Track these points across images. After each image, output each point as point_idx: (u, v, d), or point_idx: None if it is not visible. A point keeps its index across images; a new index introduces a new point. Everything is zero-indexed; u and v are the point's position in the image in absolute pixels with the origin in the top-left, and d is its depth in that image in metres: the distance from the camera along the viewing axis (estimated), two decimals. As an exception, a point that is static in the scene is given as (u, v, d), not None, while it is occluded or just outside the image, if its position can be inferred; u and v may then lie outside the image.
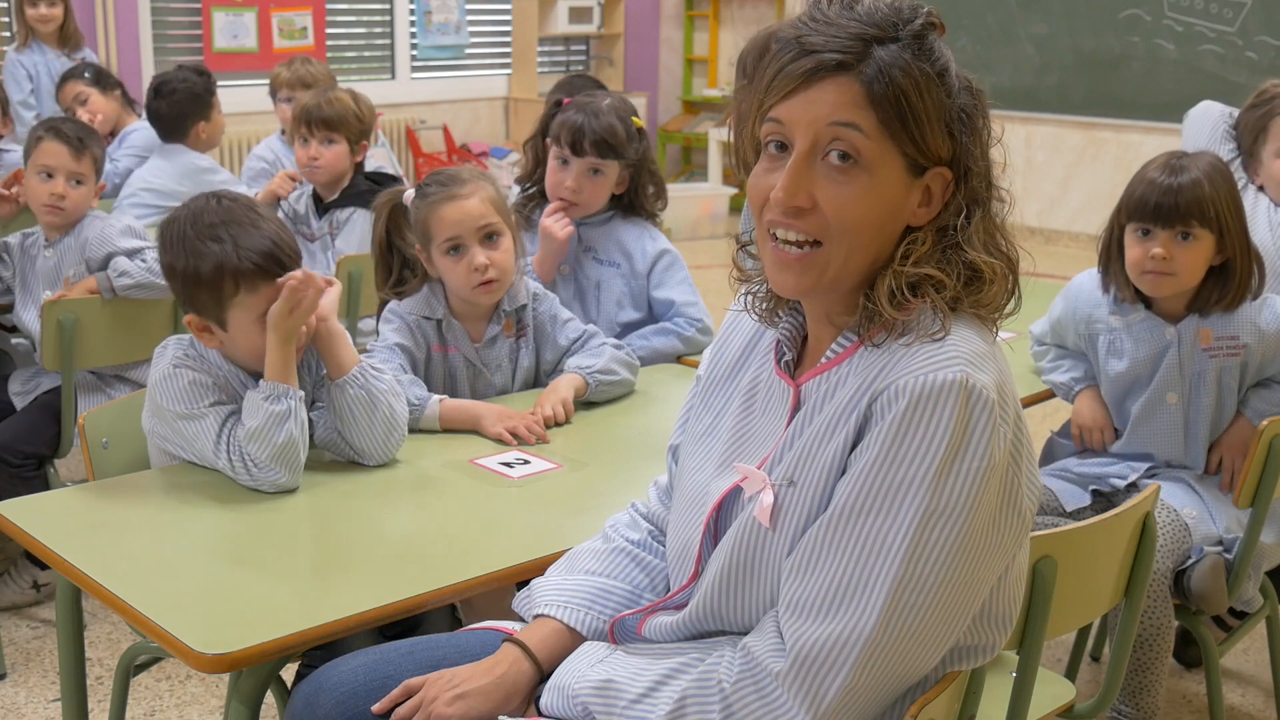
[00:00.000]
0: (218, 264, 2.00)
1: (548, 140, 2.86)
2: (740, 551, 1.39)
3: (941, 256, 1.35)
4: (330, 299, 2.10)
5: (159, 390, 2.04)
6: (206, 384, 2.04)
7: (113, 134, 4.51)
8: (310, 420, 2.13)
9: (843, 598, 1.29)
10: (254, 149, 4.64)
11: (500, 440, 2.23)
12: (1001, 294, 1.38)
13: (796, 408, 1.41)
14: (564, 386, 2.39)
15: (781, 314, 1.48)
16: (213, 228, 2.01)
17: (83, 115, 4.44)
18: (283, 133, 4.52)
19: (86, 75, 4.54)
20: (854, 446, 1.32)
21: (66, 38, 5.25)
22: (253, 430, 1.96)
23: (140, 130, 4.40)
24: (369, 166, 3.89)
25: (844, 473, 1.32)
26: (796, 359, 1.47)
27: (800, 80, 1.32)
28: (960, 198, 1.36)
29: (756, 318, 1.51)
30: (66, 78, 4.60)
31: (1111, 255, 2.52)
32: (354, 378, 2.07)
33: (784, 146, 1.35)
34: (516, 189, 3.00)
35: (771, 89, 1.34)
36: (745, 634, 1.40)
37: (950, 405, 1.26)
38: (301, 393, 2.03)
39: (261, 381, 2.01)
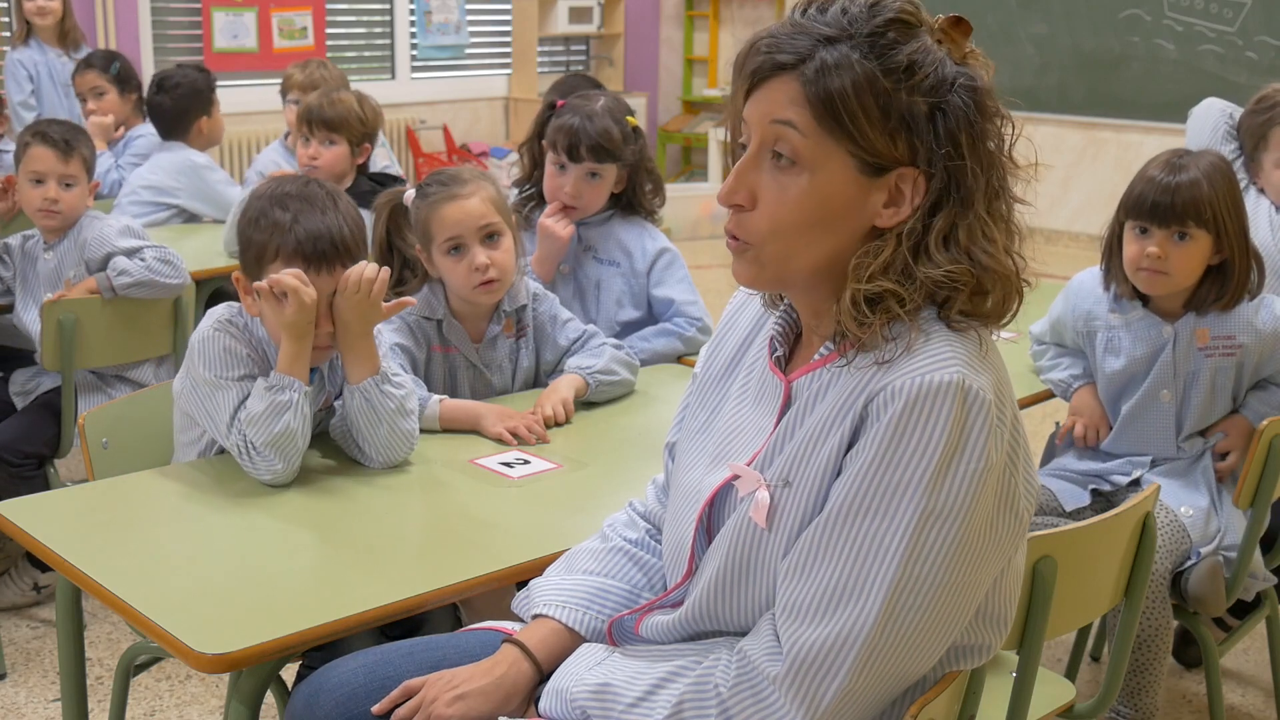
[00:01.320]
0: (271, 228, 2.04)
1: (544, 143, 2.86)
2: (736, 552, 1.39)
3: (905, 265, 1.31)
4: (358, 305, 2.06)
5: (195, 351, 2.07)
6: (241, 354, 2.06)
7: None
8: (334, 408, 2.17)
9: (839, 600, 1.28)
10: (255, 160, 4.62)
11: (500, 440, 2.23)
12: (1001, 303, 1.35)
13: (786, 404, 1.41)
14: (564, 387, 2.39)
15: (784, 299, 1.49)
16: (286, 198, 2.06)
17: (91, 106, 4.44)
18: (286, 136, 4.51)
19: (111, 70, 4.48)
20: (850, 448, 1.31)
21: (65, 34, 5.22)
22: (253, 415, 1.98)
23: (145, 136, 4.38)
24: (374, 167, 3.88)
25: (840, 474, 1.32)
26: (788, 355, 1.47)
27: (750, 80, 1.34)
28: (930, 199, 1.32)
29: (763, 302, 1.52)
30: (89, 64, 4.54)
31: (1113, 251, 2.53)
32: (363, 389, 2.07)
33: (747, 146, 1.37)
34: (514, 192, 2.99)
35: (735, 90, 1.37)
36: (742, 634, 1.40)
37: (947, 407, 1.25)
38: (307, 387, 2.04)
39: (272, 372, 2.03)
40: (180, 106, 4.17)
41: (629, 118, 2.84)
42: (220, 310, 2.13)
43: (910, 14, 1.32)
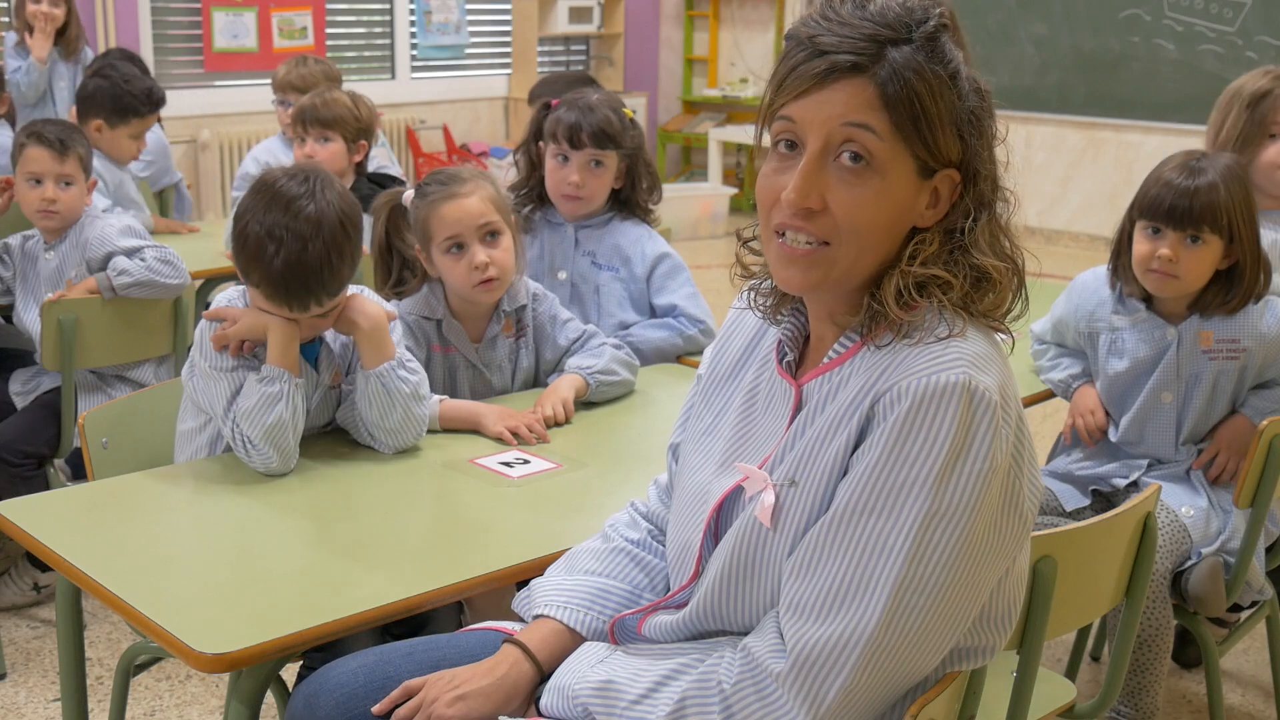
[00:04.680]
0: (256, 255, 2.02)
1: (540, 144, 2.86)
2: (741, 551, 1.39)
3: (949, 258, 1.35)
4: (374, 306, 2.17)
5: (198, 340, 2.10)
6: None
7: None
8: (341, 390, 2.21)
9: (844, 599, 1.29)
10: (251, 151, 4.62)
11: (501, 440, 2.23)
12: (1006, 297, 1.38)
13: (798, 408, 1.41)
14: (564, 387, 2.39)
15: (784, 311, 1.48)
16: (275, 228, 2.00)
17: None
18: (284, 133, 4.51)
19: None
20: (856, 447, 1.32)
21: (68, 42, 5.16)
22: (245, 409, 2.02)
23: (153, 135, 4.38)
24: (374, 167, 3.87)
25: (846, 474, 1.32)
26: (798, 359, 1.47)
27: (814, 81, 1.31)
28: (968, 200, 1.35)
29: (760, 314, 1.50)
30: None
31: (1122, 250, 2.52)
32: (379, 373, 2.12)
33: (794, 145, 1.34)
34: (511, 197, 2.99)
35: (784, 88, 1.33)
36: (745, 634, 1.40)
37: (953, 407, 1.26)
38: (300, 380, 2.07)
39: (263, 366, 2.06)
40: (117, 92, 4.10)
41: (624, 109, 2.86)
42: (225, 295, 2.16)
43: (950, 18, 1.35)
